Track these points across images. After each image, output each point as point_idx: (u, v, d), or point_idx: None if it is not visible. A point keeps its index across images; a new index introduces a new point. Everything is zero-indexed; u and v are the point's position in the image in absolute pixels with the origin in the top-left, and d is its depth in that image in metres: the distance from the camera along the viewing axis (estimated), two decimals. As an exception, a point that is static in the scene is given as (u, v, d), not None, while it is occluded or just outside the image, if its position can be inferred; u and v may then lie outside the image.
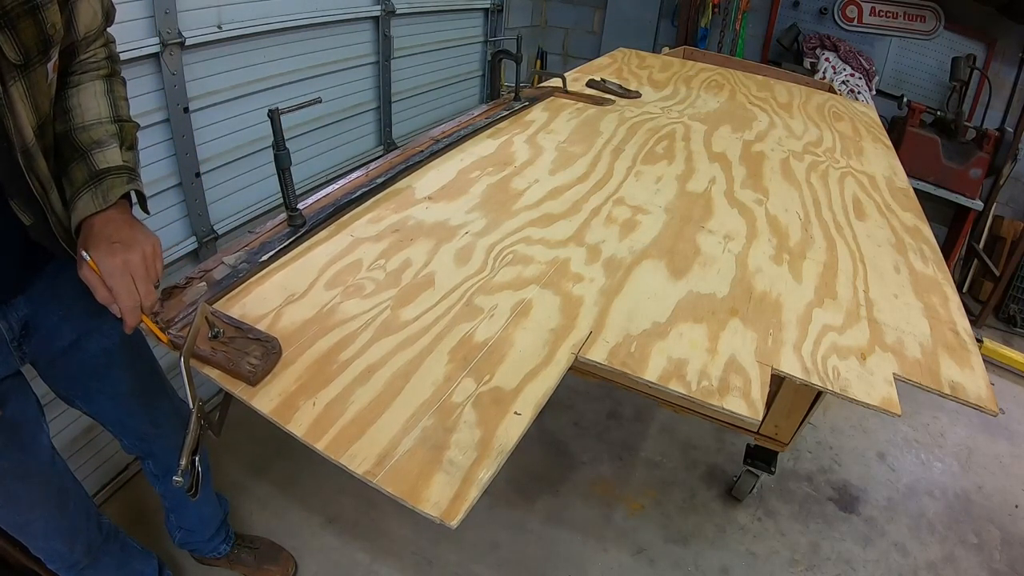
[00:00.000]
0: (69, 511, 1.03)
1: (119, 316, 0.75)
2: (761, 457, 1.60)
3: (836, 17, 3.11)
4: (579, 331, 0.86)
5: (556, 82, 2.01)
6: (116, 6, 0.87)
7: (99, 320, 0.95)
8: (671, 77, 2.36)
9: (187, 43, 1.48)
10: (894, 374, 0.85)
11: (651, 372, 0.81)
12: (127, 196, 0.82)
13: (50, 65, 0.73)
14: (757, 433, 1.44)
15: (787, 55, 3.23)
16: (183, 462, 0.62)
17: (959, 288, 3.12)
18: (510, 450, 0.67)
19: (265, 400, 0.71)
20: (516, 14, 3.41)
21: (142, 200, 0.86)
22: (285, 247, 0.99)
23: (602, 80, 2.08)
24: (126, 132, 0.85)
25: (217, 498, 1.43)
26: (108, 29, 0.88)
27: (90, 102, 0.83)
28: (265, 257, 0.95)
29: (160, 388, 1.13)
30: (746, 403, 0.77)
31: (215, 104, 1.65)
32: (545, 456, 1.89)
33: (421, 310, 0.88)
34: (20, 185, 0.72)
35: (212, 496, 1.40)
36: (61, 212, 0.81)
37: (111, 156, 0.81)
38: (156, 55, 1.43)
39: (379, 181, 1.23)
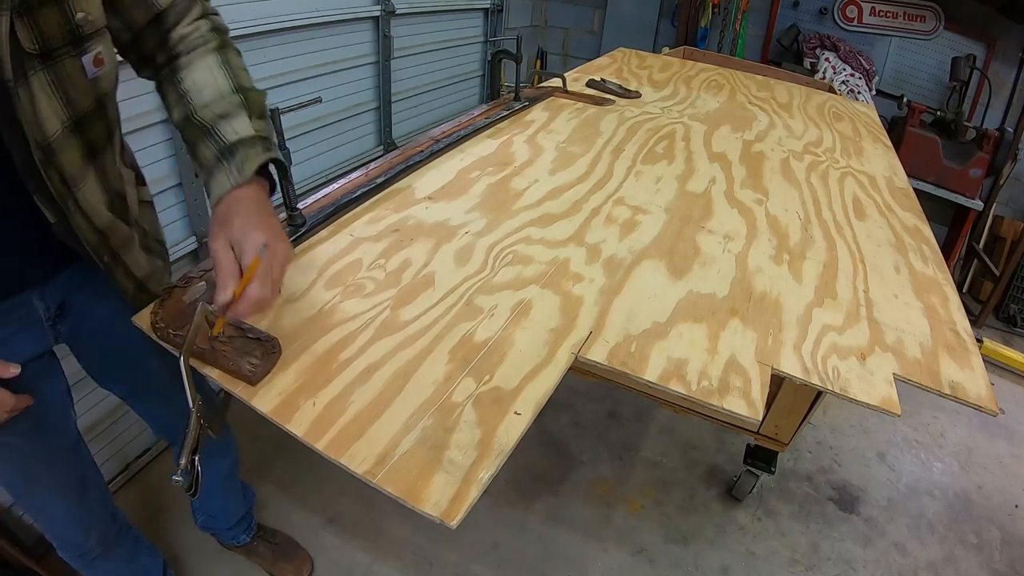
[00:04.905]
0: (88, 499, 1.03)
1: (226, 300, 0.66)
2: (761, 457, 1.60)
3: (836, 17, 3.11)
4: (579, 331, 0.86)
5: (556, 82, 2.01)
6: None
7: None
8: (671, 77, 2.36)
9: (187, 43, 1.48)
10: (894, 374, 0.85)
11: (651, 372, 0.81)
12: (266, 176, 0.77)
13: (87, 59, 0.69)
14: (757, 433, 1.44)
15: (787, 55, 3.23)
16: (183, 462, 0.62)
17: (959, 288, 3.12)
18: (510, 450, 0.67)
19: (265, 400, 0.71)
20: (516, 14, 3.41)
21: (283, 171, 0.79)
22: (285, 247, 0.99)
23: (602, 80, 2.08)
24: (252, 101, 0.79)
25: (243, 490, 1.45)
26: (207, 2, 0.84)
27: (206, 78, 0.77)
28: (265, 257, 0.95)
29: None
30: (746, 403, 0.77)
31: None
32: (545, 456, 1.89)
33: (421, 310, 0.88)
34: (37, 181, 0.68)
35: (238, 489, 1.42)
36: (92, 211, 0.76)
37: (240, 126, 0.75)
38: (156, 55, 1.43)
39: (379, 181, 1.23)
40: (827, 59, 2.96)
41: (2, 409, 0.76)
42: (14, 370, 0.76)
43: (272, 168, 0.78)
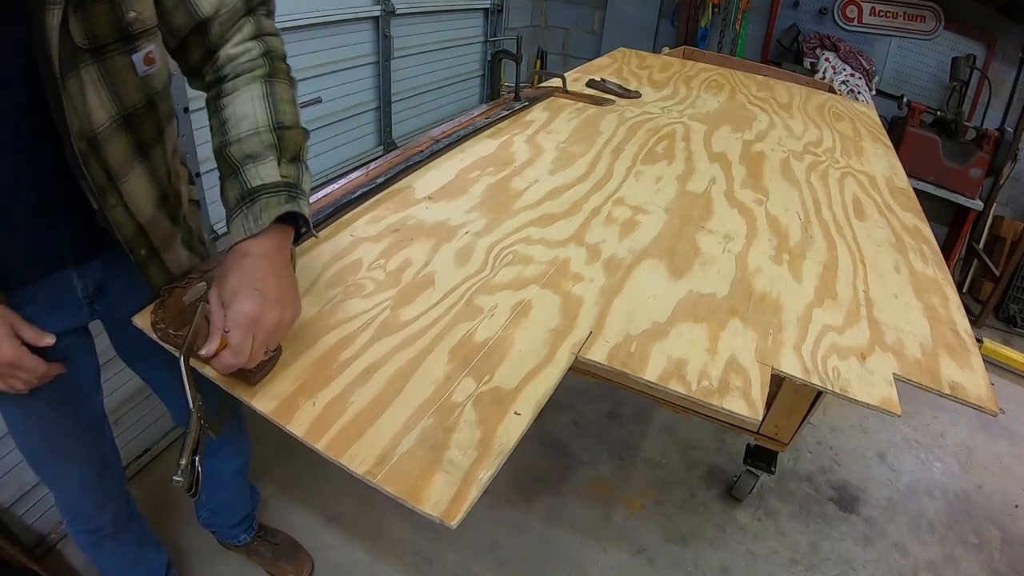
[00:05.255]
0: (106, 477, 1.06)
1: (207, 355, 0.68)
2: (761, 457, 1.60)
3: (836, 17, 3.11)
4: (579, 331, 0.86)
5: (556, 82, 2.01)
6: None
7: None
8: (671, 77, 2.36)
9: (187, 43, 1.48)
10: (894, 374, 0.85)
11: (651, 372, 0.81)
12: (291, 222, 0.74)
13: (137, 56, 0.71)
14: (757, 433, 1.44)
15: (787, 55, 3.23)
16: (183, 462, 0.62)
17: (959, 288, 3.12)
18: (510, 450, 0.67)
19: (265, 400, 0.71)
20: (516, 14, 3.41)
21: (307, 224, 0.76)
22: (285, 247, 0.99)
23: (602, 80, 2.08)
24: (287, 141, 0.75)
25: (250, 490, 1.46)
26: (267, 19, 0.82)
27: (244, 109, 0.75)
28: (265, 257, 0.95)
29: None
30: (746, 403, 0.77)
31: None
32: (545, 456, 1.89)
33: (421, 310, 0.88)
34: (79, 170, 0.70)
35: (246, 488, 1.43)
36: (136, 206, 0.78)
37: (266, 171, 0.72)
38: (156, 55, 1.43)
39: (379, 181, 1.23)
40: (827, 59, 2.96)
41: (33, 375, 0.77)
42: (49, 340, 0.76)
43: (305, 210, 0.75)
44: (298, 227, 0.77)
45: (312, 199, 1.14)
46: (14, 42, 0.61)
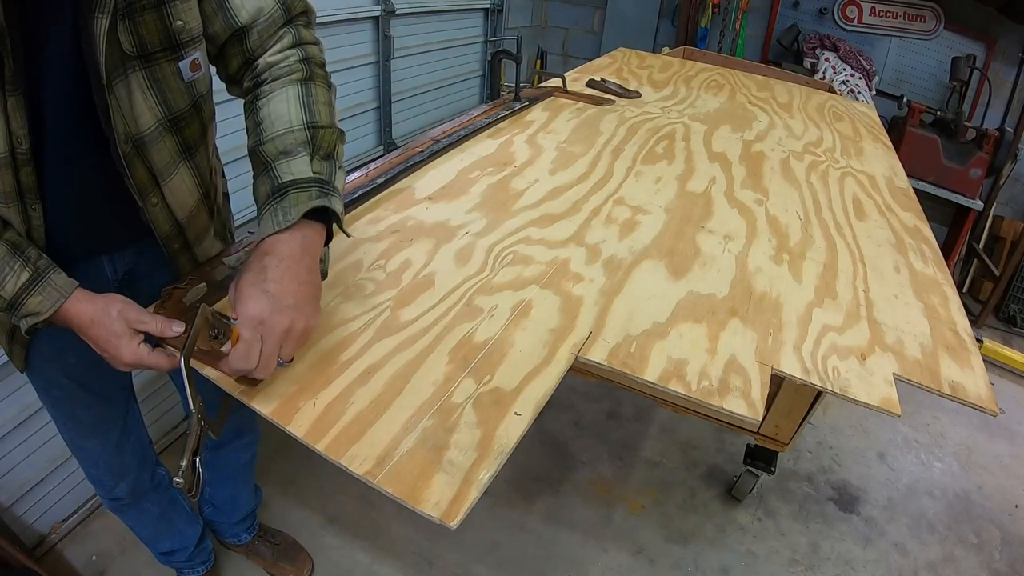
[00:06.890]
0: (126, 453, 1.08)
1: (226, 351, 0.66)
2: (761, 457, 1.60)
3: (836, 17, 3.11)
4: (579, 331, 0.86)
5: (556, 82, 2.01)
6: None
7: None
8: (671, 77, 2.36)
9: (187, 43, 1.48)
10: (894, 374, 0.85)
11: (651, 372, 0.81)
12: (323, 220, 0.73)
13: (183, 64, 0.73)
14: (757, 433, 1.44)
15: (787, 55, 3.23)
16: (183, 463, 0.62)
17: (959, 288, 3.12)
18: (510, 450, 0.67)
19: (265, 401, 0.71)
20: (516, 14, 3.41)
21: (338, 221, 0.75)
22: (285, 247, 0.99)
23: (602, 80, 2.08)
24: (321, 139, 0.75)
25: (254, 489, 1.48)
26: (306, 29, 0.84)
27: (280, 109, 0.76)
28: (265, 257, 0.95)
29: None
30: (746, 403, 0.77)
31: (216, 104, 1.65)
32: (545, 456, 1.89)
33: (421, 310, 0.88)
34: (123, 169, 0.72)
35: (251, 483, 1.45)
36: (178, 203, 0.81)
37: (298, 167, 0.72)
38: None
39: (379, 181, 1.23)
40: (827, 59, 2.96)
41: (159, 370, 0.74)
42: (178, 328, 0.72)
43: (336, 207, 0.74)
44: (330, 225, 0.76)
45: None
46: (66, 45, 0.64)
